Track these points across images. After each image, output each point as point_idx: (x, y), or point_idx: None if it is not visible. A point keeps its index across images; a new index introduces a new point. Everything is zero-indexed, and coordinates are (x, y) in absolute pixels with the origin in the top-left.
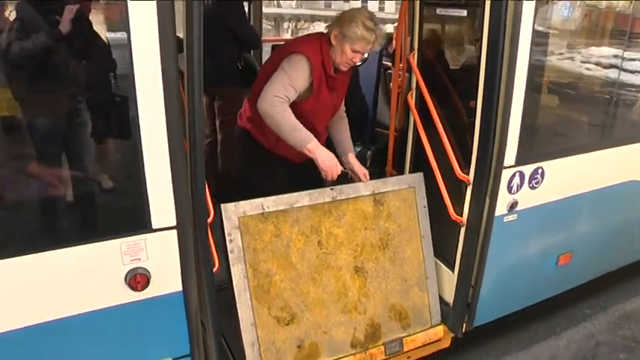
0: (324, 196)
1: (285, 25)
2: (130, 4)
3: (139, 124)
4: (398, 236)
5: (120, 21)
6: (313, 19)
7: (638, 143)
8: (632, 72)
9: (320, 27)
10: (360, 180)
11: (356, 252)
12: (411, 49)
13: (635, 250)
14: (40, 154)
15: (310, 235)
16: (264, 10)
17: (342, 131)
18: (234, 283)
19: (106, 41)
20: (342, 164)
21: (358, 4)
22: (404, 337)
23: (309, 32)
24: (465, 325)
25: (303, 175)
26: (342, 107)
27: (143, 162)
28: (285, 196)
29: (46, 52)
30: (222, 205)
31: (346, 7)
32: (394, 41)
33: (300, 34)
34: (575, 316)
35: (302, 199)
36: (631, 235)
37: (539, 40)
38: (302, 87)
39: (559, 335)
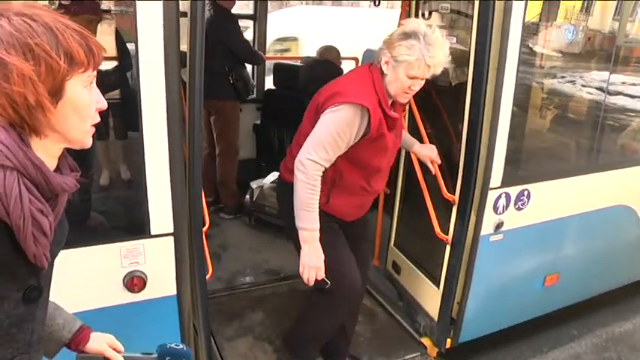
0: None
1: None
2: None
3: (143, 140)
4: None
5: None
6: None
7: (627, 168)
8: (620, 96)
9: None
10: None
11: None
12: None
13: (624, 274)
14: None
15: None
16: None
17: None
18: None
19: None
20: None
21: None
22: None
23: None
24: (450, 340)
25: (350, 227)
26: None
27: (145, 173)
28: None
29: None
30: None
31: None
32: None
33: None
34: (562, 337)
35: None
36: (619, 259)
37: (527, 61)
38: (353, 140)
39: (545, 354)
